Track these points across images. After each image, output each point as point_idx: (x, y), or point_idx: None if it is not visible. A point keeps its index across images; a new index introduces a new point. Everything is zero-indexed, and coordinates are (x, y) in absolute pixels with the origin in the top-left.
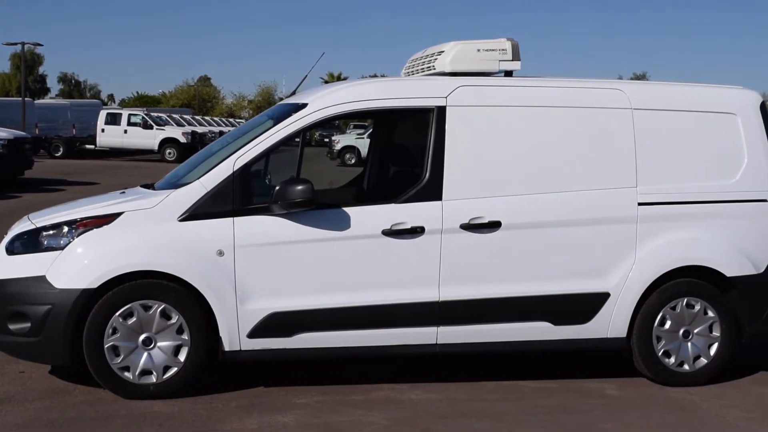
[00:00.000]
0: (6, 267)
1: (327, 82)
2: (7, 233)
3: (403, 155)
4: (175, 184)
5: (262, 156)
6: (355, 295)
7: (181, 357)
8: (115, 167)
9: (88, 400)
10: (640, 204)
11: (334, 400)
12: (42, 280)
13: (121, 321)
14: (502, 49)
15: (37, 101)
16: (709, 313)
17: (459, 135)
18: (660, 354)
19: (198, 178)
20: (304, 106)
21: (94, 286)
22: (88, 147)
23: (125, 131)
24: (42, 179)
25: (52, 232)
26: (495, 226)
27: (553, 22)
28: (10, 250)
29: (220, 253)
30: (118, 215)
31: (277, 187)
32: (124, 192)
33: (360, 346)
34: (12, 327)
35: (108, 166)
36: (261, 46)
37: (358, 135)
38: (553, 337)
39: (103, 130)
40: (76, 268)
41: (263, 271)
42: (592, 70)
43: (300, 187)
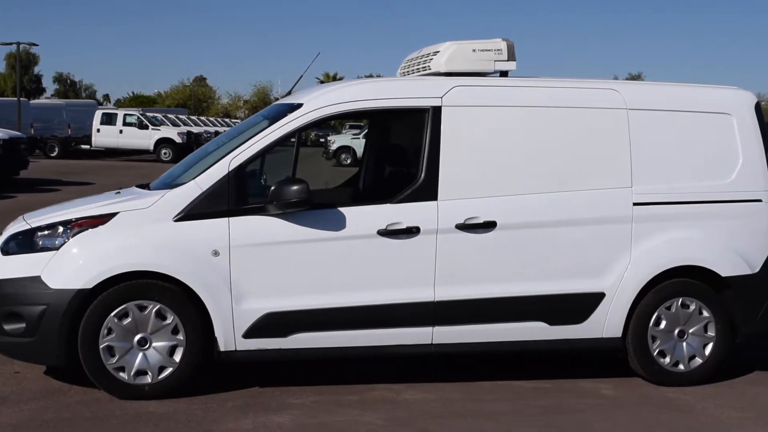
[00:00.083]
0: (1, 267)
1: (323, 82)
2: (2, 233)
3: (398, 155)
4: (171, 185)
5: (258, 156)
6: (351, 295)
7: (177, 357)
8: (111, 167)
9: (83, 401)
10: (635, 204)
11: (330, 400)
12: (37, 280)
13: (116, 321)
14: (498, 50)
15: (32, 101)
16: (704, 313)
17: (454, 135)
18: (655, 354)
19: (193, 179)
20: (300, 106)
21: (90, 286)
22: (83, 147)
23: (121, 131)
24: (37, 179)
25: (47, 232)
26: (490, 226)
27: (548, 23)
28: (5, 251)
29: (216, 254)
30: (113, 215)
31: (273, 188)
32: (119, 192)
33: (355, 346)
34: (7, 327)
35: (103, 166)
36: (257, 46)
37: (354, 135)
38: (548, 337)
39: (98, 130)
40: (71, 268)
41: (258, 271)
42: (588, 71)
43: (295, 187)
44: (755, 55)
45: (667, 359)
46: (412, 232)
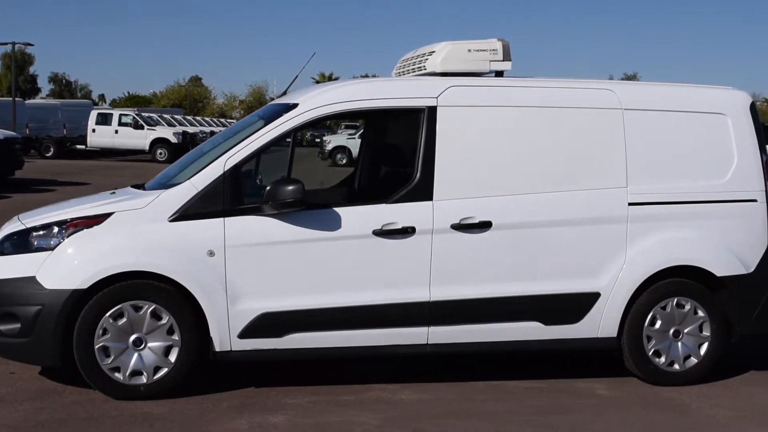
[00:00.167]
0: None
1: (318, 82)
2: None
3: (394, 155)
4: (166, 185)
5: (253, 156)
6: (346, 296)
7: (172, 357)
8: (106, 167)
9: (78, 401)
10: (630, 204)
11: (326, 400)
12: (32, 280)
13: (111, 322)
14: (493, 50)
15: (27, 101)
16: (699, 313)
17: (450, 135)
18: (650, 354)
19: (189, 179)
20: (295, 106)
21: (85, 286)
22: (78, 147)
23: (116, 131)
24: (32, 179)
25: (42, 232)
26: (486, 226)
27: (543, 23)
28: (0, 251)
29: (211, 254)
30: (108, 215)
31: (268, 188)
32: (114, 192)
33: (351, 347)
34: (2, 328)
35: (99, 166)
36: (252, 46)
37: (350, 135)
38: (543, 337)
39: (93, 131)
40: (66, 268)
41: (254, 271)
42: (583, 71)
43: (291, 187)
44: (750, 55)
45: (662, 359)
46: (408, 232)
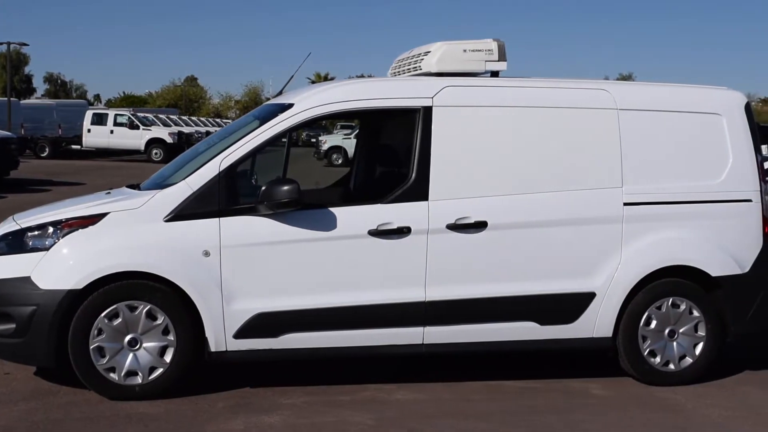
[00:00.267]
0: None
1: (314, 83)
2: None
3: (389, 155)
4: (161, 185)
5: (249, 156)
6: (342, 296)
7: (167, 358)
8: (101, 167)
9: (73, 402)
10: (625, 204)
11: (321, 400)
12: (27, 280)
13: (106, 322)
14: (489, 50)
15: (22, 101)
16: (695, 313)
17: (445, 135)
18: (645, 354)
19: (184, 179)
20: (291, 106)
21: (80, 286)
22: (74, 147)
23: (111, 131)
24: (28, 179)
25: (37, 232)
26: (481, 226)
27: (539, 23)
28: None
29: (206, 254)
30: (103, 216)
31: (264, 188)
32: (109, 192)
33: (346, 347)
34: None
35: (94, 166)
36: (248, 46)
37: (345, 135)
38: (539, 337)
39: (89, 131)
40: (61, 268)
41: (249, 271)
42: (578, 71)
43: (286, 187)
44: (746, 56)
45: (657, 359)
46: (403, 232)
